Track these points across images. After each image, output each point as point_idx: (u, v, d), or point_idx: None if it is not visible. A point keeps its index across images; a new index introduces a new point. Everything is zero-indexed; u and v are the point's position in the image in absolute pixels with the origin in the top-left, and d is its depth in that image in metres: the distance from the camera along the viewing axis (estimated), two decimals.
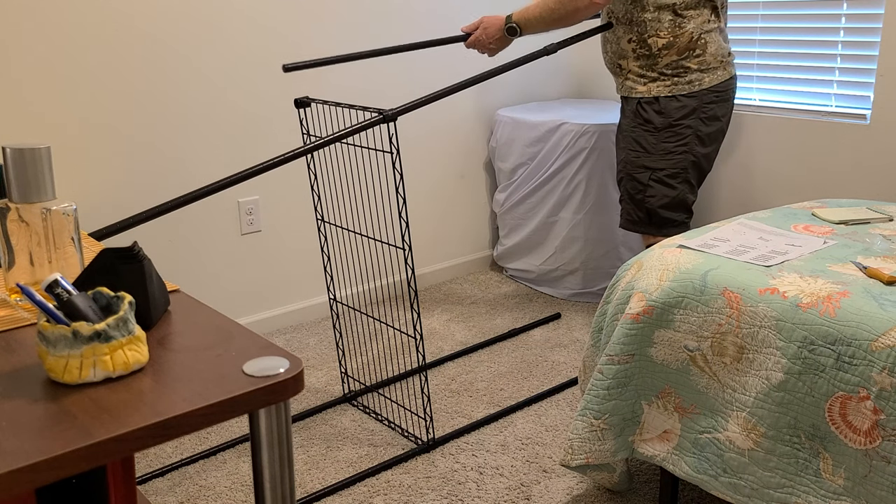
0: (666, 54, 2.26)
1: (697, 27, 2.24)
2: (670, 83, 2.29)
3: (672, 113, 2.30)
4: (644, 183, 2.34)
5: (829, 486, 1.41)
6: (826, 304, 1.43)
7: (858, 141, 2.77)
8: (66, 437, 0.70)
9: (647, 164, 2.32)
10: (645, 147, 2.33)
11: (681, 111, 2.29)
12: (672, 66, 2.27)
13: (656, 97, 2.31)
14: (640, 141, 2.34)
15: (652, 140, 2.32)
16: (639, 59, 2.31)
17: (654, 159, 2.32)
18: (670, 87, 2.29)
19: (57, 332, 0.79)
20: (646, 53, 2.29)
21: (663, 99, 2.30)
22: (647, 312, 1.63)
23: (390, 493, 1.96)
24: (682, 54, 2.26)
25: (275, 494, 0.84)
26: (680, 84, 2.29)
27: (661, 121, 2.30)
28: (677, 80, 2.28)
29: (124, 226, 1.51)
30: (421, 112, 3.16)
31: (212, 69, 2.60)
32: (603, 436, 1.69)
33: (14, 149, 0.97)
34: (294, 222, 2.91)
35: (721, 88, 2.32)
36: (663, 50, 2.26)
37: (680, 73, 2.27)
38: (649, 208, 2.35)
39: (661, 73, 2.29)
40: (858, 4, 2.71)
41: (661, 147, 2.31)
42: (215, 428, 2.27)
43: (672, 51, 2.26)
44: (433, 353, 2.72)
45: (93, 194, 2.45)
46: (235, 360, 0.85)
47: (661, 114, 2.30)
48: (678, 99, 2.29)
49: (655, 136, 2.31)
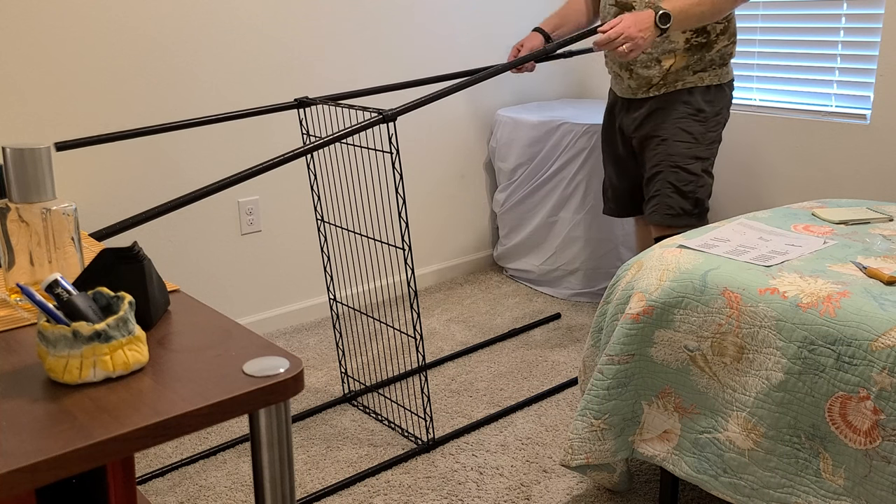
0: (721, 40, 2.28)
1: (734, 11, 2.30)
2: (719, 72, 2.32)
3: (718, 102, 2.33)
4: (696, 173, 2.31)
5: (829, 486, 1.41)
6: (826, 304, 1.43)
7: (858, 141, 2.77)
8: (66, 437, 0.70)
9: (698, 154, 2.31)
10: (696, 137, 2.31)
11: (722, 101, 2.35)
12: (720, 53, 2.29)
13: (708, 86, 2.32)
14: (690, 131, 2.31)
15: (702, 129, 2.32)
16: (690, 50, 2.28)
17: (703, 149, 2.32)
18: (719, 76, 2.32)
19: (57, 332, 0.79)
20: (702, 42, 2.27)
21: (714, 88, 2.33)
22: (648, 312, 1.63)
23: (390, 493, 1.96)
24: (731, 39, 2.30)
25: (275, 494, 0.84)
26: (723, 73, 2.33)
27: (710, 110, 2.32)
28: (723, 69, 2.32)
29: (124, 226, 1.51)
30: (421, 112, 3.16)
31: (211, 69, 2.60)
32: (603, 436, 1.69)
33: (14, 149, 0.97)
34: (294, 222, 2.91)
35: (733, 78, 2.41)
36: (720, 35, 2.27)
37: (724, 60, 2.31)
38: (698, 199, 2.33)
39: (709, 62, 2.29)
40: (858, 4, 2.71)
41: (708, 137, 2.33)
42: (215, 428, 2.27)
43: (726, 35, 2.28)
44: (433, 353, 2.72)
45: (93, 194, 2.45)
46: (235, 360, 0.85)
47: (711, 103, 2.32)
48: (723, 89, 2.34)
49: (705, 126, 2.32)
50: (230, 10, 2.60)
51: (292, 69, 2.78)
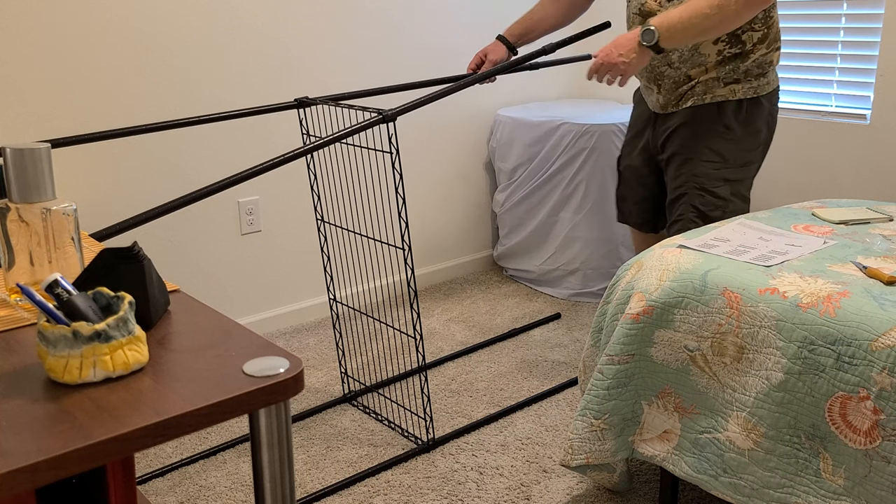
0: (758, 49, 2.03)
1: (777, 18, 2.06)
2: (755, 84, 2.06)
3: (753, 118, 2.08)
4: (725, 198, 2.06)
5: (829, 486, 1.41)
6: (826, 304, 1.43)
7: (858, 141, 2.77)
8: (66, 437, 0.70)
9: (728, 176, 2.06)
10: (725, 157, 2.06)
11: (760, 116, 2.09)
12: (757, 63, 2.04)
13: (740, 100, 2.06)
14: (719, 150, 2.06)
15: (733, 149, 2.07)
16: (724, 62, 2.03)
17: (734, 171, 2.07)
18: (755, 88, 2.06)
19: (57, 332, 0.79)
20: (737, 53, 2.02)
21: (747, 102, 2.07)
22: (647, 312, 1.63)
23: (390, 493, 1.96)
24: (772, 47, 2.05)
25: (275, 494, 0.84)
26: (761, 84, 2.07)
27: (742, 128, 2.07)
28: (761, 79, 2.06)
29: (124, 226, 1.51)
30: (421, 112, 3.16)
31: (211, 69, 2.60)
32: (603, 436, 1.69)
33: (14, 149, 0.97)
34: (294, 222, 2.91)
35: (778, 88, 2.16)
36: (758, 44, 2.02)
37: (762, 70, 2.06)
38: None
39: (745, 73, 2.04)
40: (858, 4, 2.71)
41: (740, 157, 2.07)
42: (215, 428, 2.27)
43: (765, 44, 2.03)
44: (433, 353, 2.72)
45: (93, 194, 2.45)
46: (235, 360, 0.85)
47: (743, 119, 2.07)
48: (760, 102, 2.08)
49: (736, 145, 2.07)
50: (230, 11, 2.60)
51: (292, 69, 2.78)
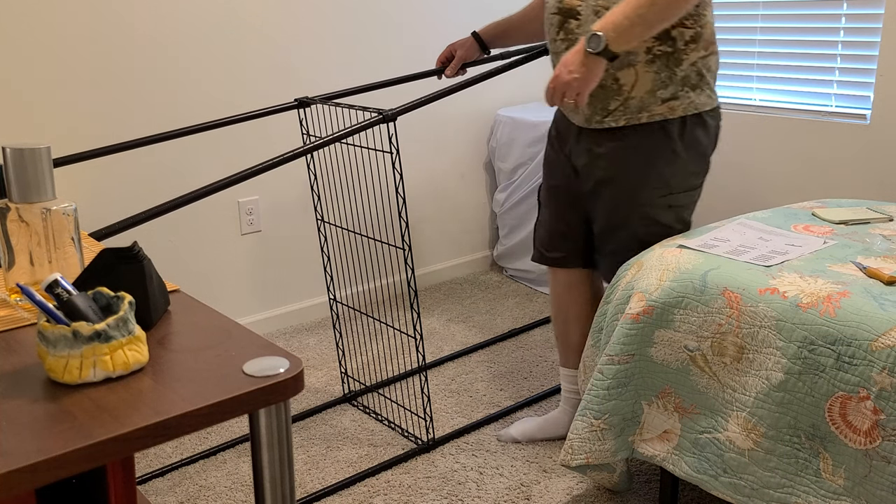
0: (693, 49, 1.81)
1: (712, 19, 1.86)
2: (696, 100, 1.85)
3: (699, 139, 1.88)
4: (668, 225, 1.90)
5: (829, 486, 1.41)
6: (826, 304, 1.43)
7: (858, 141, 2.77)
8: (66, 437, 0.70)
9: (673, 202, 1.89)
10: (671, 183, 1.88)
11: (705, 136, 1.89)
12: (697, 69, 1.83)
13: (683, 119, 1.85)
14: (666, 176, 1.87)
15: (679, 173, 1.88)
16: (654, 61, 1.80)
17: (679, 197, 1.90)
18: (696, 105, 1.86)
19: (57, 332, 0.79)
20: (667, 51, 1.80)
21: (691, 121, 1.86)
22: (648, 312, 1.63)
23: (390, 493, 1.96)
24: (708, 49, 1.84)
25: (275, 494, 0.84)
26: (702, 96, 1.86)
27: (687, 150, 1.87)
28: (701, 94, 1.85)
29: (124, 226, 1.51)
30: (421, 112, 3.16)
31: (211, 69, 2.60)
32: (603, 436, 1.69)
33: (14, 149, 0.97)
34: (294, 222, 2.91)
35: (719, 108, 1.95)
36: (690, 44, 1.81)
37: (702, 79, 1.85)
38: None
39: (683, 81, 1.82)
40: (858, 4, 2.71)
41: (686, 182, 1.90)
42: (215, 428, 2.27)
43: (700, 44, 1.82)
44: (433, 353, 2.72)
45: (93, 194, 2.45)
46: (235, 360, 0.85)
47: (688, 141, 1.87)
48: (704, 121, 1.88)
49: (682, 169, 1.88)
50: (230, 11, 2.60)
51: (292, 69, 2.78)
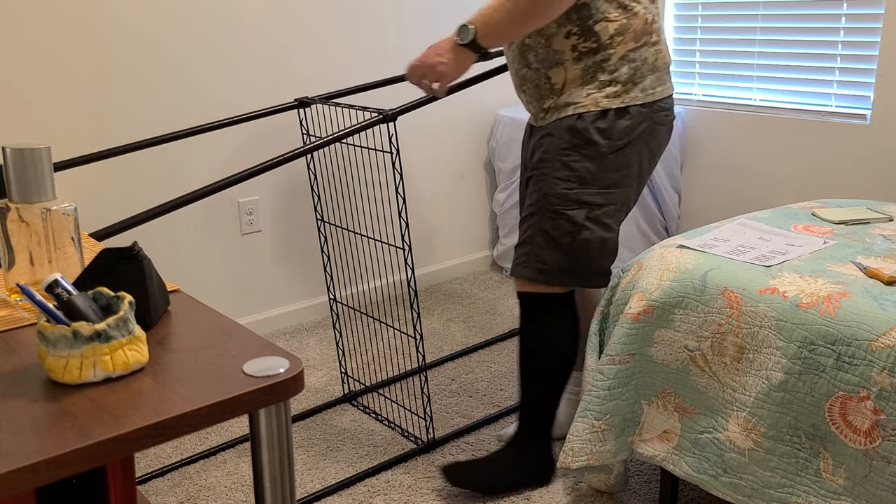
0: (620, 43, 1.74)
1: (649, 7, 1.79)
2: (621, 89, 1.76)
3: (621, 133, 1.78)
4: (578, 223, 1.80)
5: (829, 486, 1.41)
6: (826, 304, 1.43)
7: (858, 141, 2.77)
8: (66, 437, 0.70)
9: (584, 199, 1.79)
10: (583, 177, 1.79)
11: (631, 131, 1.78)
12: (628, 62, 1.75)
13: (605, 110, 1.77)
14: (577, 169, 1.79)
15: (592, 168, 1.78)
16: (581, 59, 1.75)
17: (591, 193, 1.79)
18: (621, 97, 1.76)
19: (57, 332, 0.79)
20: (592, 48, 1.74)
21: (613, 113, 1.77)
22: (648, 312, 1.63)
23: (390, 493, 1.96)
24: (640, 41, 1.76)
25: (275, 494, 0.84)
26: (633, 91, 1.77)
27: (607, 143, 1.77)
28: (630, 85, 1.77)
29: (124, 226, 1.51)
30: (421, 112, 3.16)
31: (211, 69, 2.60)
32: (604, 437, 1.69)
33: (14, 149, 0.97)
34: (294, 222, 2.91)
35: (668, 105, 1.84)
36: (616, 37, 1.74)
37: (636, 73, 1.77)
38: (580, 256, 1.82)
39: (612, 75, 1.76)
40: (858, 4, 2.71)
41: (602, 178, 1.79)
42: (215, 428, 2.27)
43: (628, 36, 1.74)
44: (433, 353, 2.72)
45: (93, 194, 2.45)
46: (235, 360, 0.85)
47: (607, 134, 1.77)
48: (629, 113, 1.77)
49: (597, 164, 1.78)
50: (230, 11, 2.60)
51: (292, 69, 2.78)
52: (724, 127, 3.13)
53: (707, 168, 3.23)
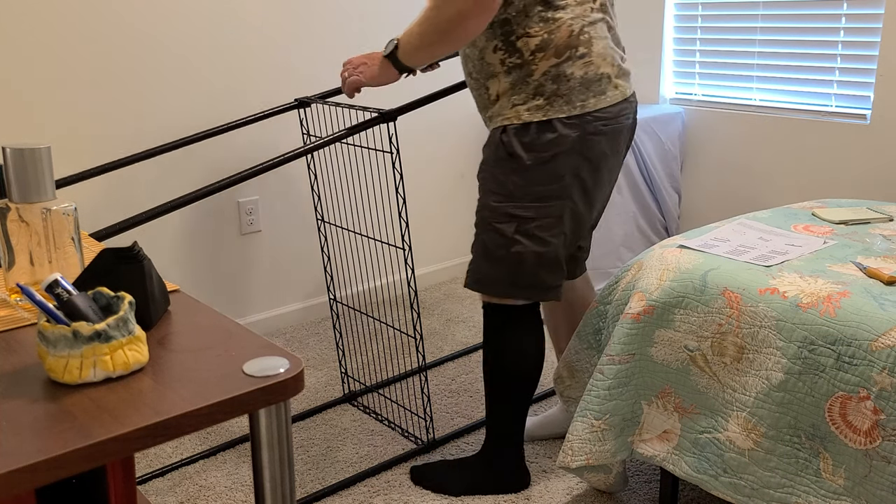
0: (542, 59, 1.69)
1: (578, 18, 1.69)
2: (543, 103, 1.71)
3: (545, 146, 1.72)
4: (508, 237, 1.78)
5: (829, 486, 1.41)
6: (826, 304, 1.43)
7: (858, 141, 2.77)
8: (66, 437, 0.70)
9: (513, 212, 1.77)
10: (512, 191, 1.76)
11: (557, 144, 1.72)
12: (552, 77, 1.69)
13: (526, 123, 1.72)
14: (504, 182, 1.77)
15: (519, 182, 1.75)
16: (510, 72, 1.72)
17: (522, 207, 1.76)
18: (545, 110, 1.71)
19: (57, 332, 0.79)
20: (517, 63, 1.71)
21: (535, 126, 1.72)
22: (648, 312, 1.63)
23: (390, 493, 1.96)
24: (562, 56, 1.69)
25: (275, 494, 0.84)
26: (557, 104, 1.70)
27: (530, 157, 1.73)
28: (555, 98, 1.70)
29: (124, 226, 1.51)
30: (421, 112, 3.16)
31: (211, 69, 2.60)
32: (603, 436, 1.69)
33: (14, 149, 0.97)
34: (294, 222, 2.91)
35: (609, 115, 1.75)
36: (537, 53, 1.69)
37: (560, 88, 1.70)
38: (516, 269, 1.80)
39: (536, 90, 1.71)
40: (858, 4, 2.71)
41: (531, 192, 1.75)
42: (215, 428, 2.27)
43: (549, 52, 1.68)
44: (433, 353, 2.72)
45: (93, 194, 2.45)
46: (235, 360, 0.85)
47: (529, 147, 1.73)
48: (553, 126, 1.71)
49: (524, 177, 1.74)
50: (230, 11, 2.60)
51: (292, 69, 2.78)
52: (724, 127, 3.13)
53: (707, 168, 3.23)
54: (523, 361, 1.87)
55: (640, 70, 3.39)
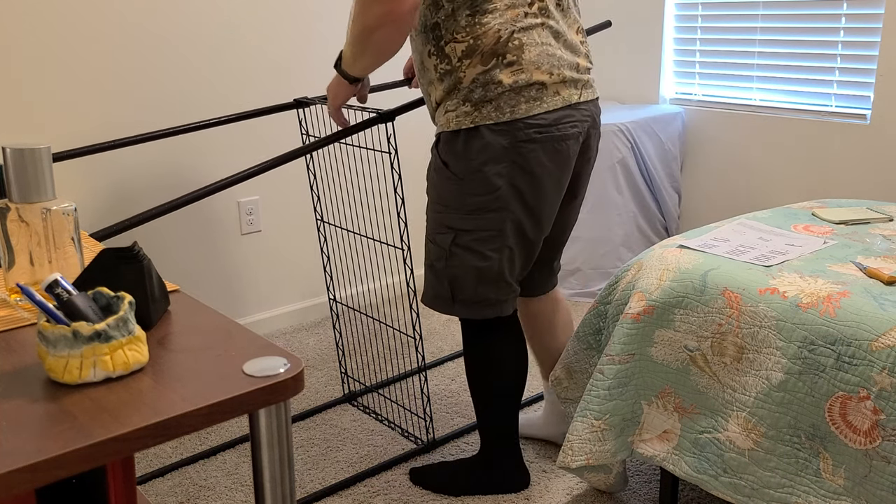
0: (469, 65, 1.61)
1: (507, 23, 1.60)
2: (472, 109, 1.63)
3: (474, 154, 1.64)
4: (445, 248, 1.72)
5: (829, 486, 1.41)
6: (826, 304, 1.43)
7: (858, 141, 2.77)
8: (66, 437, 0.70)
9: (449, 223, 1.70)
10: (448, 201, 1.70)
11: (485, 152, 1.63)
12: (481, 84, 1.61)
13: (456, 131, 1.66)
14: (440, 192, 1.71)
15: (454, 191, 1.68)
16: (443, 79, 1.66)
17: (457, 218, 1.69)
18: (472, 116, 1.63)
19: (57, 332, 0.79)
20: (447, 69, 1.65)
21: (464, 133, 1.65)
22: (648, 312, 1.63)
23: (390, 493, 1.96)
24: (488, 63, 1.60)
25: (275, 494, 0.84)
26: (485, 110, 1.62)
27: (460, 165, 1.66)
28: (483, 105, 1.62)
29: (124, 226, 1.51)
30: (419, 112, 3.16)
31: (211, 69, 2.60)
32: (603, 436, 1.69)
33: (14, 149, 0.97)
34: (294, 222, 2.91)
35: (544, 122, 1.64)
36: (464, 59, 1.61)
37: (489, 94, 1.62)
38: (453, 283, 1.74)
39: (466, 96, 1.63)
40: (858, 4, 2.71)
41: (465, 202, 1.67)
42: (215, 428, 2.27)
43: (475, 59, 1.61)
44: (433, 353, 2.72)
45: (93, 194, 2.45)
46: (235, 360, 0.85)
47: (459, 155, 1.66)
48: (481, 133, 1.63)
49: (458, 187, 1.67)
50: (230, 11, 2.60)
51: (292, 69, 2.78)
52: (724, 127, 3.13)
53: (707, 168, 3.23)
54: (502, 370, 1.85)
55: (640, 70, 3.39)
